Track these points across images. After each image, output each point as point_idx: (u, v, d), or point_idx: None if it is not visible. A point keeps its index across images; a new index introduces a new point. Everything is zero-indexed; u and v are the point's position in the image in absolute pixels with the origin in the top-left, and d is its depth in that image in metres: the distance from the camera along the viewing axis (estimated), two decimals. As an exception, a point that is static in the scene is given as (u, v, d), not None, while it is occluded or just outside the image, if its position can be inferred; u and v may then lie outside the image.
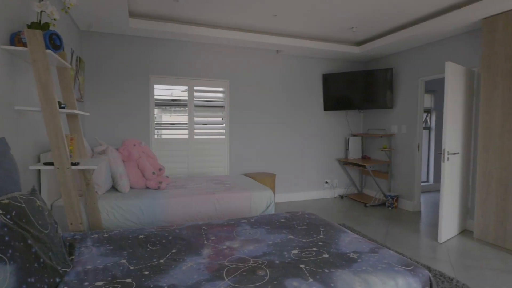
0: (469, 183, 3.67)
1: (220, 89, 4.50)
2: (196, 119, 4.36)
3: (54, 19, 2.04)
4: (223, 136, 4.54)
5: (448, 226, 3.34)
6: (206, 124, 4.45)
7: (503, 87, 3.03)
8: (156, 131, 4.22)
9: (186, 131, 4.32)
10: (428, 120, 5.79)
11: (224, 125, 4.53)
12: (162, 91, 4.23)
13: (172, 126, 4.31)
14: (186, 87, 4.30)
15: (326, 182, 5.22)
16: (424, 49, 4.26)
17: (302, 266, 1.53)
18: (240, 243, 1.84)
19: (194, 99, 4.34)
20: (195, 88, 4.34)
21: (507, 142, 3.01)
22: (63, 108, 2.16)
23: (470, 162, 3.65)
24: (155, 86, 4.17)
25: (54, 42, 2.03)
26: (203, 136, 4.42)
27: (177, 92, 4.32)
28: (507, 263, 2.78)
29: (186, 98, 4.30)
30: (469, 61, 3.67)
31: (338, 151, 5.31)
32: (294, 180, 5.01)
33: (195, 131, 4.37)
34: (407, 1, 3.20)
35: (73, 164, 2.05)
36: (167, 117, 4.34)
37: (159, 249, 1.75)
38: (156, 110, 4.23)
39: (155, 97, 4.18)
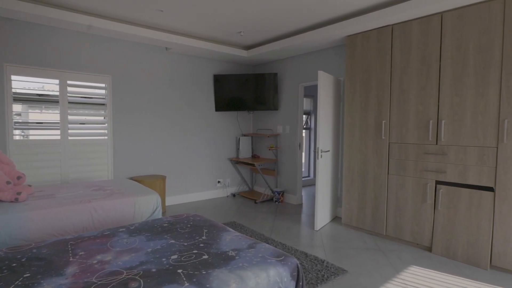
0: (338, 176, 4.25)
1: (101, 85, 4.06)
2: (71, 117, 3.82)
3: None
4: (105, 137, 4.11)
5: (322, 215, 3.80)
6: (84, 124, 3.95)
7: (361, 94, 3.61)
8: (16, 131, 3.52)
9: (58, 131, 3.74)
10: (309, 122, 6.48)
11: (106, 124, 4.11)
12: (28, 84, 3.55)
13: (40, 125, 3.67)
14: (57, 81, 3.72)
15: (219, 182, 5.30)
16: (303, 58, 4.75)
17: (180, 271, 1.49)
18: (114, 255, 1.68)
19: (68, 94, 3.79)
20: (69, 82, 3.80)
21: (364, 140, 3.60)
22: None
23: (338, 158, 4.23)
24: (13, 77, 3.47)
25: None
26: (80, 137, 3.91)
27: (52, 86, 3.70)
28: (366, 242, 3.32)
29: (58, 93, 3.73)
30: (337, 71, 4.26)
31: (230, 151, 5.45)
32: (186, 181, 4.91)
33: (70, 131, 3.82)
34: (287, 14, 3.49)
35: None
36: (37, 115, 3.67)
37: (6, 275, 1.45)
38: (21, 107, 3.53)
39: (14, 90, 3.48)
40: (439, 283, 2.46)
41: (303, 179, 6.29)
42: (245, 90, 5.12)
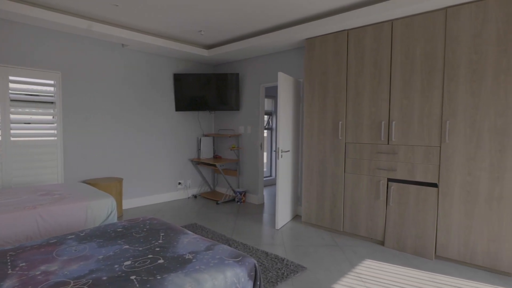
0: (298, 175, 4.35)
1: (50, 81, 3.78)
2: (14, 116, 3.52)
3: None
4: (54, 138, 3.83)
5: (283, 214, 3.87)
6: (29, 123, 3.65)
7: (319, 96, 3.72)
8: None
9: (-2, 132, 3.42)
10: (270, 122, 6.56)
11: (55, 124, 3.83)
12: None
13: (-24, 125, 3.33)
14: (-3, 77, 3.40)
15: (179, 183, 5.18)
16: (265, 58, 4.79)
17: (133, 277, 1.42)
18: (60, 265, 1.57)
19: (10, 91, 3.49)
20: (11, 78, 3.49)
21: (322, 140, 3.71)
22: None
23: (298, 157, 4.33)
24: None
25: None
26: (25, 137, 3.61)
27: (-17, 81, 3.37)
28: (324, 239, 3.43)
29: (-2, 90, 3.41)
30: (297, 73, 4.35)
31: (191, 151, 5.35)
32: (145, 184, 4.74)
33: (12, 131, 3.52)
34: (248, 15, 3.49)
35: None
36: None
37: None
38: None
39: None
40: (390, 274, 2.61)
41: (264, 179, 6.35)
42: (206, 90, 5.05)
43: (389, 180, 3.22)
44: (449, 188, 2.84)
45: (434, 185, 2.97)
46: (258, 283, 1.61)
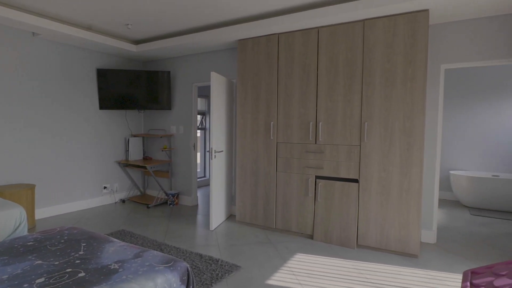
0: (232, 175, 4.37)
1: None
2: None
3: None
4: None
5: (217, 214, 3.84)
6: None
7: (252, 97, 3.79)
8: None
9: None
10: (204, 122, 6.47)
11: None
12: None
13: None
14: None
15: (105, 187, 4.78)
16: (197, 57, 4.70)
17: (46, 296, 1.26)
18: (-50, 290, 1.32)
19: None
20: None
21: (255, 141, 3.79)
22: None
23: (232, 158, 4.35)
24: None
25: None
26: None
27: None
28: (258, 237, 3.50)
29: None
30: (231, 73, 4.37)
31: (118, 153, 4.99)
32: (64, 189, 4.26)
33: None
34: (178, 11, 3.38)
35: None
36: None
37: None
38: None
39: None
40: (319, 265, 2.78)
41: (198, 179, 6.24)
42: (135, 88, 4.76)
43: (317, 177, 3.44)
44: (368, 183, 3.14)
45: (356, 180, 3.26)
46: (191, 287, 1.57)
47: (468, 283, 0.86)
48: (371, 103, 3.10)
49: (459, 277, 2.65)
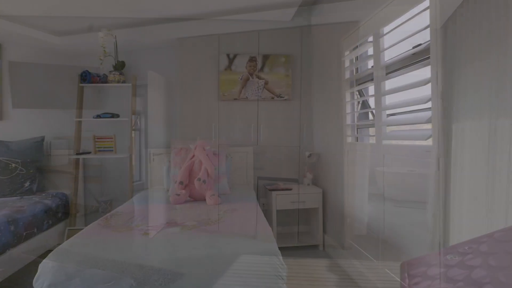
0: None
1: None
2: None
3: None
4: None
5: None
6: None
7: (194, 99, 3.69)
8: None
9: None
10: (138, 122, 6.08)
11: None
12: None
13: None
14: None
15: (22, 198, 4.19)
16: (133, 54, 4.37)
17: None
18: None
19: None
20: None
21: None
22: None
23: (172, 160, 4.18)
24: None
25: None
26: None
27: None
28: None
29: None
30: (169, 73, 4.15)
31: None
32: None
33: None
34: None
35: None
36: None
37: None
38: None
39: None
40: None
41: (135, 183, 5.85)
42: (57, 84, 4.25)
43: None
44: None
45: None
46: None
47: (406, 274, 0.96)
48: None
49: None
